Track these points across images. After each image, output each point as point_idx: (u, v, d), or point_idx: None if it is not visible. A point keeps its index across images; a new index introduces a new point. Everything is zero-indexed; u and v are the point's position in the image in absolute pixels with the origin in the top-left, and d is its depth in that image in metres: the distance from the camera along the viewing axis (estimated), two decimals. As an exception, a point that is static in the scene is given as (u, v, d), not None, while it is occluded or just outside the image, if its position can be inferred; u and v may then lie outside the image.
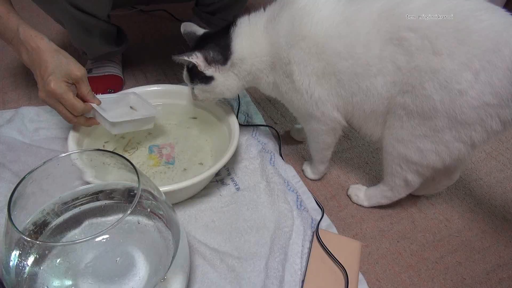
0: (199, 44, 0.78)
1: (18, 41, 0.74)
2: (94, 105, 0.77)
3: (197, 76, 0.78)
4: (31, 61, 0.74)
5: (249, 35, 0.74)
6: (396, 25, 0.62)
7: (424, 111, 0.63)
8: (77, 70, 0.74)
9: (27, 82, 1.13)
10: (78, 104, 0.74)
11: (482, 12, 0.58)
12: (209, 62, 0.75)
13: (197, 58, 0.74)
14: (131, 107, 0.88)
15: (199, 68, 0.75)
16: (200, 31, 0.82)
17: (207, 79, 0.77)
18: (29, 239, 0.46)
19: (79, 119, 0.78)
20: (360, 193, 0.85)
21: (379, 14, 0.63)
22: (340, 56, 0.67)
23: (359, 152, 0.99)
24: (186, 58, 0.74)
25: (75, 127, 0.80)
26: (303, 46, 0.69)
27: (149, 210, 0.53)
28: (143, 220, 0.54)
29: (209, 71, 0.76)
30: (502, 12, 0.59)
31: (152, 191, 0.53)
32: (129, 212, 0.44)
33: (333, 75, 0.69)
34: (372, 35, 0.64)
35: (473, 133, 0.62)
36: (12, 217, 0.44)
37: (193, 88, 0.81)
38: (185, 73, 0.81)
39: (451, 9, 0.59)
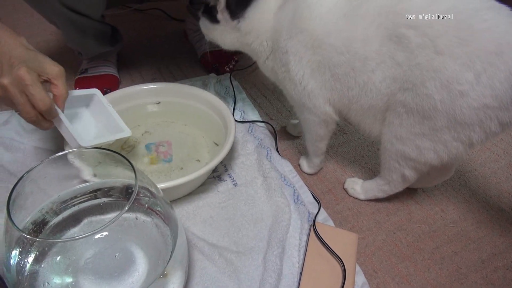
0: None
1: None
2: (63, 116, 0.69)
3: (209, 12, 0.78)
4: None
5: (262, 12, 0.75)
6: (396, 22, 0.61)
7: (424, 110, 0.63)
8: (55, 65, 0.66)
9: (23, 83, 1.13)
10: (47, 98, 0.64)
11: (486, 11, 0.57)
12: (226, 6, 0.75)
13: None
14: (90, 110, 0.83)
15: (217, 6, 0.75)
16: None
17: (214, 19, 0.77)
18: (29, 236, 0.46)
19: (43, 122, 0.67)
20: (357, 186, 0.86)
21: (379, 10, 0.63)
22: (336, 51, 0.67)
23: (355, 146, 1.00)
24: None
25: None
26: (300, 39, 0.70)
27: (147, 206, 0.54)
28: (141, 216, 0.55)
29: (220, 15, 0.76)
30: (507, 12, 0.58)
31: (150, 188, 0.53)
32: (126, 208, 0.45)
33: (328, 69, 0.70)
34: (371, 30, 0.64)
35: (472, 133, 0.62)
36: (11, 216, 0.44)
37: (199, 19, 0.81)
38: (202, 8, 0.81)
39: (454, 7, 0.58)
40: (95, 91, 0.82)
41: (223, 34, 0.79)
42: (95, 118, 0.83)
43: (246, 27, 0.76)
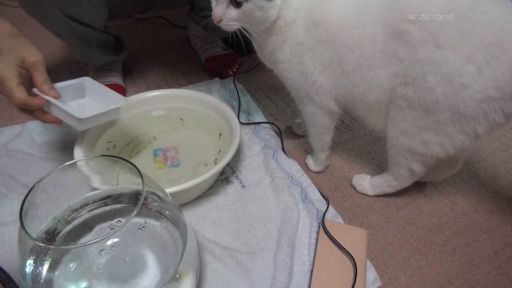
0: None
1: None
2: (51, 99, 0.69)
3: None
4: None
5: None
6: (398, 18, 0.62)
7: (427, 104, 0.63)
8: (32, 55, 0.68)
9: (32, 97, 1.16)
10: (18, 93, 0.65)
11: (485, 3, 0.57)
12: None
13: None
14: (88, 96, 0.83)
15: None
16: None
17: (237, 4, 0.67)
18: (42, 244, 0.47)
19: (36, 113, 0.70)
20: (365, 183, 0.86)
21: (383, 7, 0.64)
22: (347, 47, 0.67)
23: (361, 142, 1.00)
24: None
25: (80, 137, 0.82)
26: (315, 34, 0.69)
27: (155, 211, 0.54)
28: (151, 221, 0.56)
29: None
30: (506, 3, 0.58)
31: (158, 193, 0.54)
32: (134, 214, 0.46)
33: (339, 65, 0.70)
34: (378, 29, 0.64)
35: (477, 125, 0.62)
36: (24, 225, 0.45)
37: (240, 5, 0.67)
38: None
39: (453, 1, 0.58)
40: (84, 78, 0.82)
41: (274, 8, 0.68)
42: (94, 101, 0.82)
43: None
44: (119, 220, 0.59)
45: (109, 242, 0.52)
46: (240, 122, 0.87)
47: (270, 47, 0.75)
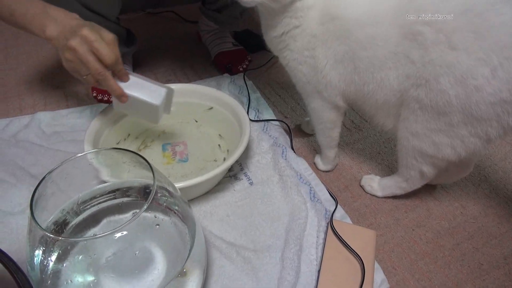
0: None
1: (45, 16, 0.72)
2: (131, 74, 0.77)
3: None
4: (61, 28, 0.70)
5: None
6: (411, 19, 0.61)
7: (439, 106, 0.62)
8: (108, 32, 0.71)
9: (42, 88, 1.16)
10: (112, 52, 0.70)
11: (501, 5, 0.56)
12: None
13: None
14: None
15: None
16: None
17: None
18: (52, 235, 0.47)
19: (111, 82, 0.73)
20: (374, 184, 0.85)
21: (397, 7, 0.63)
22: (361, 45, 0.67)
23: (371, 142, 0.99)
24: None
25: (90, 129, 0.82)
26: (330, 27, 0.69)
27: (165, 205, 0.54)
28: (160, 215, 0.56)
29: None
30: None
31: (168, 187, 0.54)
32: (144, 207, 0.46)
33: (352, 61, 0.69)
34: (392, 30, 0.63)
35: (489, 128, 0.61)
36: (34, 216, 0.45)
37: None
38: None
39: (469, 2, 0.57)
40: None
41: None
42: None
43: None
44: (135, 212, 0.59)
45: (117, 235, 0.52)
46: (250, 119, 0.86)
47: (281, 30, 0.73)
